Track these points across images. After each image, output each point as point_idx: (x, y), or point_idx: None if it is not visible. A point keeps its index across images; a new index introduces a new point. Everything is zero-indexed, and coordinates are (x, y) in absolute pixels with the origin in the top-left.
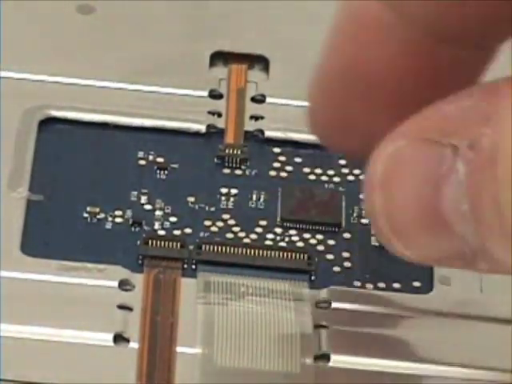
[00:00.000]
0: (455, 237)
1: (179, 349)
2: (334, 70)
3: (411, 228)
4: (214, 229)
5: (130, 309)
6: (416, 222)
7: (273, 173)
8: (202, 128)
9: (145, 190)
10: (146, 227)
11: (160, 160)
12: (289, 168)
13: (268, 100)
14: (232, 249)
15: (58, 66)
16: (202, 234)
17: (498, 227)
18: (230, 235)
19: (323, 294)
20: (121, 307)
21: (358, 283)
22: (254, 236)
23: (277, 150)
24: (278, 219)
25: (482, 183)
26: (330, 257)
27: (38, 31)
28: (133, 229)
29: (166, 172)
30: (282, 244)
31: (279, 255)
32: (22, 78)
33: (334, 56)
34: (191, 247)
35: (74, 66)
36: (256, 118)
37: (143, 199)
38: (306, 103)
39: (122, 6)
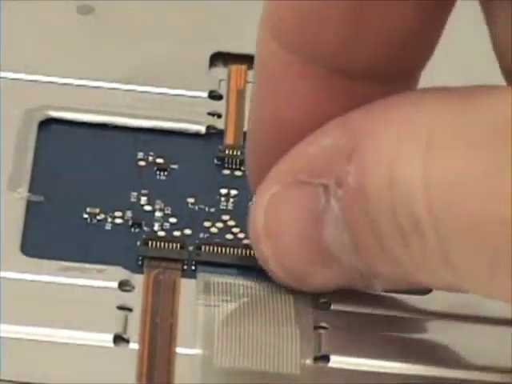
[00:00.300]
0: (344, 267)
1: (179, 349)
2: (262, 123)
3: (302, 267)
4: (213, 230)
5: (129, 309)
6: (305, 261)
7: None
8: (202, 129)
9: (144, 191)
10: (145, 228)
11: (160, 161)
12: None
13: None
14: (232, 250)
15: (57, 66)
16: (201, 235)
17: (380, 251)
18: (229, 236)
19: (323, 295)
20: (120, 308)
21: None
22: None
23: None
24: None
25: (356, 217)
26: None
27: (38, 32)
28: (132, 230)
29: (165, 173)
30: None
31: None
32: (21, 79)
33: (259, 110)
34: (191, 248)
35: (74, 67)
36: None
37: (143, 200)
38: None
39: (122, 7)
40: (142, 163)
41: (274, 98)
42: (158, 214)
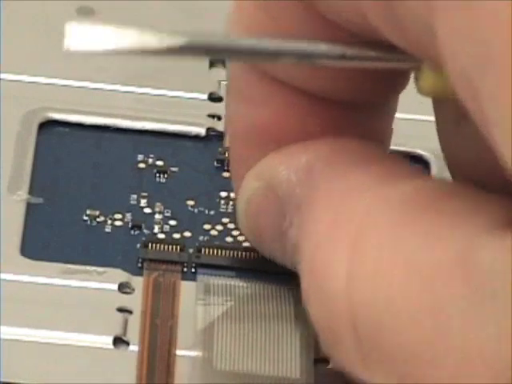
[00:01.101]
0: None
1: (179, 352)
2: (239, 129)
3: (268, 242)
4: (213, 232)
5: (129, 312)
6: (274, 250)
7: None
8: (202, 131)
9: (144, 194)
10: (145, 230)
11: (159, 163)
12: None
13: None
14: (232, 252)
15: (57, 68)
16: (201, 238)
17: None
18: (229, 239)
19: None
20: (120, 310)
21: None
22: None
23: None
24: None
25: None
26: None
27: (38, 33)
28: (132, 232)
29: (165, 175)
30: None
31: None
32: (21, 81)
33: (232, 114)
34: (191, 250)
35: (74, 69)
36: None
37: (143, 202)
38: None
39: (122, 8)
40: (142, 165)
41: (244, 107)
42: (157, 216)
